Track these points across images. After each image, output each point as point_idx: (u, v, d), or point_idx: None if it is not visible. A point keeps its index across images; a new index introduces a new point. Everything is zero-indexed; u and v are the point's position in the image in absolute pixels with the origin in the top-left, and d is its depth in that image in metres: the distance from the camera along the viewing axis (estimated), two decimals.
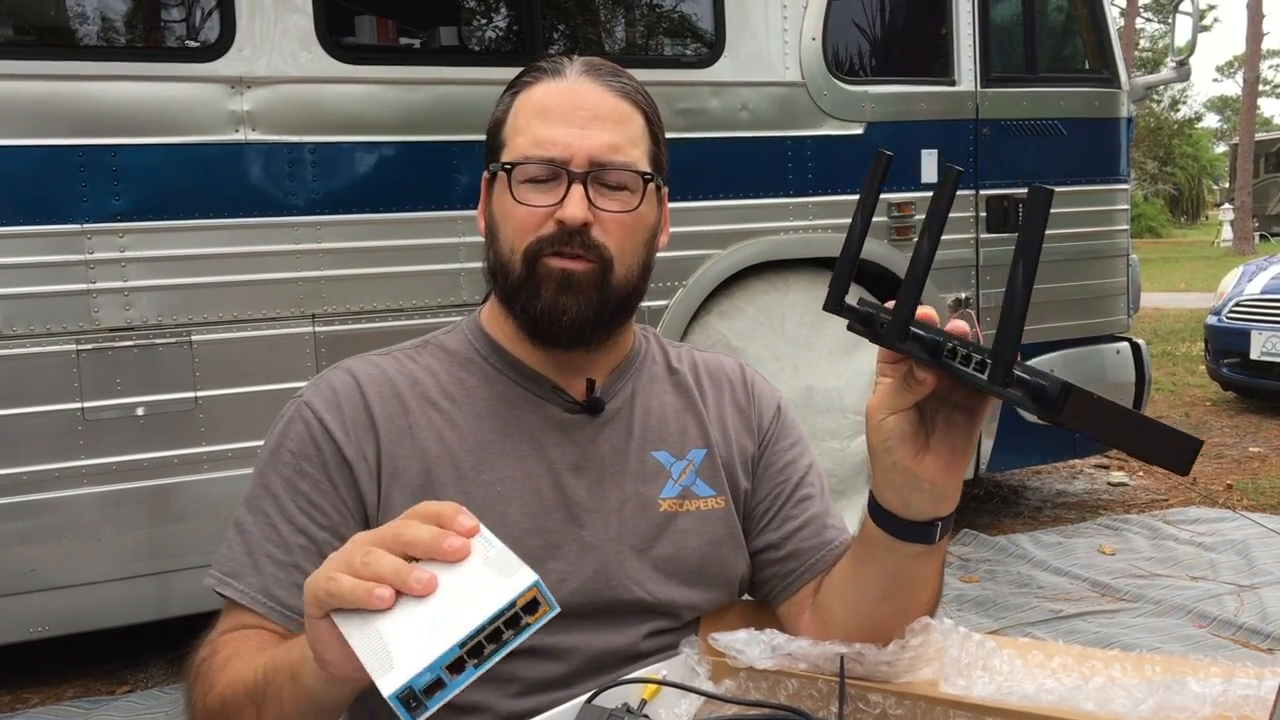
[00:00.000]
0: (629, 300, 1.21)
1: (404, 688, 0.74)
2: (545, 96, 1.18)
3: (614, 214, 1.16)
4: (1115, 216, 4.77)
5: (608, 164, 1.15)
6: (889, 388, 1.01)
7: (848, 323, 1.01)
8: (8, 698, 3.36)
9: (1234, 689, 0.94)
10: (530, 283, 1.16)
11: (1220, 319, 7.45)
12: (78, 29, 3.40)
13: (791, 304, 4.04)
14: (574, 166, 1.14)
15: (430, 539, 0.81)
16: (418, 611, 0.79)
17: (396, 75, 3.48)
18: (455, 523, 0.82)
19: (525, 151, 1.16)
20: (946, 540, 1.11)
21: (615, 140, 1.16)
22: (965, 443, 1.02)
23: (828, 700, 1.09)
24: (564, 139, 1.14)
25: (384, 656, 0.77)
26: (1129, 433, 0.84)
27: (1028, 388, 0.85)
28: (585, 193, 1.14)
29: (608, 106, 1.18)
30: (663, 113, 1.26)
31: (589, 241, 1.15)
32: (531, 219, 1.15)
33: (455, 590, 0.79)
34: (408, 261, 3.46)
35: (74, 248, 3.08)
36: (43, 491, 3.07)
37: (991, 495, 5.36)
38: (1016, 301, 0.85)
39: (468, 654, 0.76)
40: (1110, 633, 3.51)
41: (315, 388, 1.21)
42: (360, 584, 0.80)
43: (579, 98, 1.17)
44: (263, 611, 1.12)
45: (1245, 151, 28.34)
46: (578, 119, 1.15)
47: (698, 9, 4.05)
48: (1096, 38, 4.76)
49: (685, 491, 1.25)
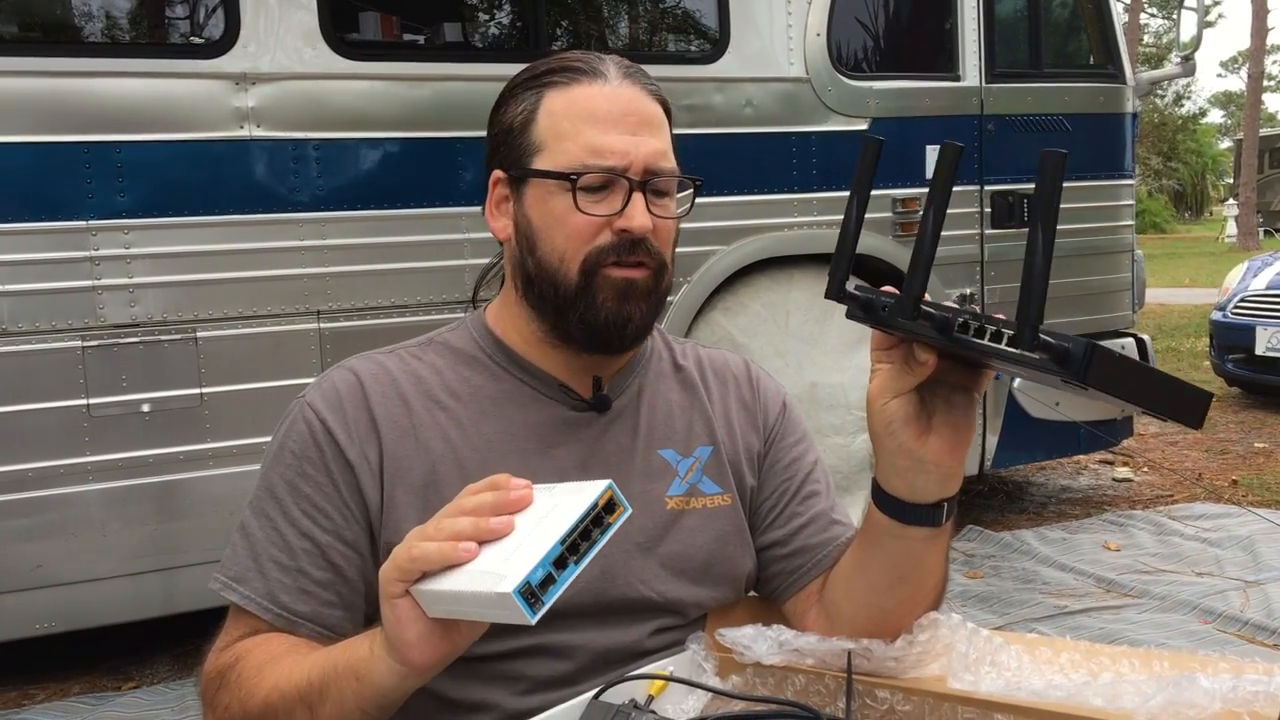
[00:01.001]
0: (665, 304, 1.23)
1: (523, 583, 0.81)
2: (592, 100, 1.15)
3: (666, 220, 1.18)
4: (1120, 212, 4.76)
5: (660, 171, 1.16)
6: (888, 372, 1.01)
7: (847, 310, 1.01)
8: (14, 693, 3.37)
9: (1243, 685, 0.94)
10: (588, 293, 1.15)
11: (1225, 314, 7.43)
12: (83, 26, 3.40)
13: (796, 300, 4.03)
14: (631, 174, 1.14)
15: (494, 498, 0.89)
16: (504, 545, 0.86)
17: (401, 71, 3.48)
18: (510, 484, 0.89)
19: (582, 159, 1.13)
20: (952, 523, 1.12)
21: (662, 146, 1.17)
22: (966, 422, 1.03)
23: (835, 696, 1.09)
24: (621, 146, 1.13)
25: (490, 577, 0.83)
26: (1146, 390, 0.84)
27: (1053, 350, 0.84)
28: (645, 201, 1.14)
29: (651, 111, 1.18)
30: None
31: (650, 249, 1.16)
32: (590, 228, 1.14)
33: (532, 522, 0.86)
34: (412, 258, 3.46)
35: (79, 244, 3.08)
36: (49, 488, 3.08)
37: (996, 491, 5.36)
38: (1037, 265, 0.85)
39: (568, 550, 0.83)
40: (1115, 629, 3.50)
41: (318, 387, 1.20)
42: (444, 543, 0.87)
43: (628, 103, 1.16)
44: (269, 619, 1.12)
45: (1249, 147, 28.29)
46: (629, 125, 1.15)
47: (702, 5, 4.05)
48: (1101, 33, 4.75)
49: (692, 489, 1.25)
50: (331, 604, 1.13)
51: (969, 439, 1.04)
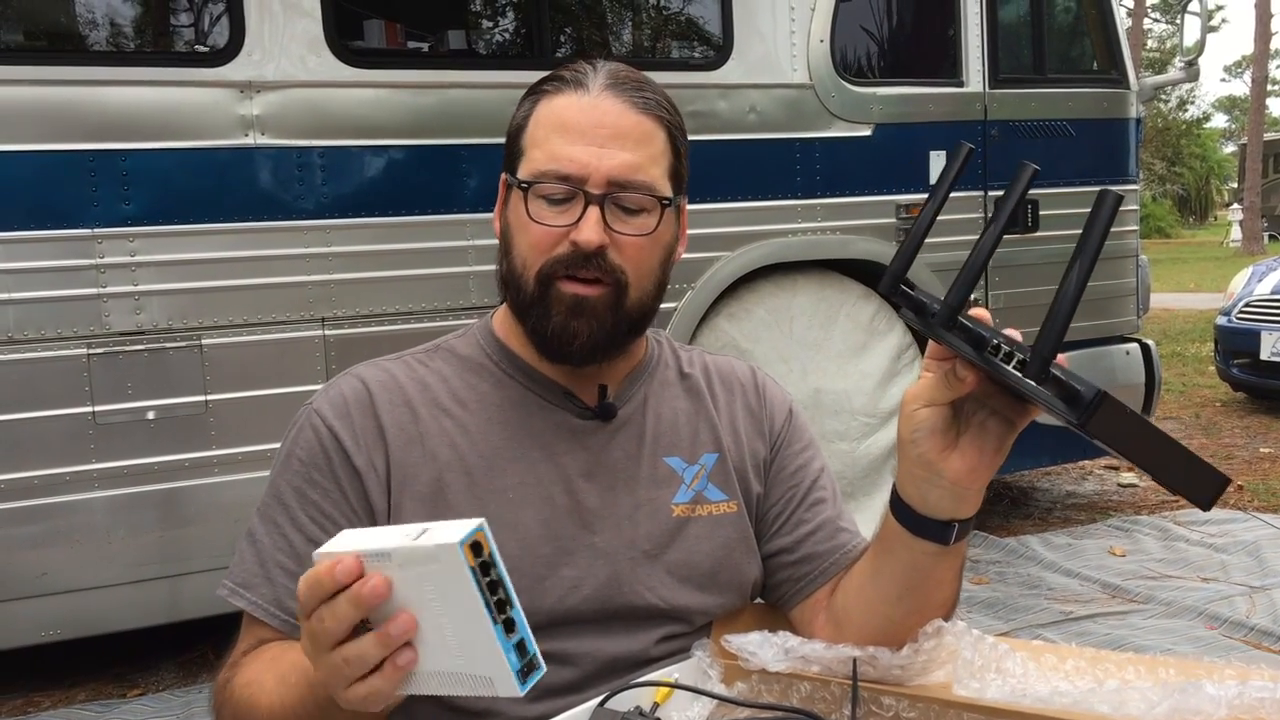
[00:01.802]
0: (642, 320, 1.20)
1: (519, 670, 0.79)
2: (566, 110, 1.15)
3: (630, 237, 1.15)
4: (1124, 217, 4.75)
5: (626, 185, 1.13)
6: (930, 381, 1.01)
7: (900, 309, 1.00)
8: (20, 701, 3.37)
9: (1249, 691, 0.94)
10: (542, 303, 1.15)
11: (1230, 319, 7.42)
12: (88, 34, 3.41)
13: (800, 306, 4.04)
14: (591, 187, 1.12)
15: (348, 608, 0.80)
16: (435, 642, 0.81)
17: (405, 79, 3.49)
18: (339, 580, 0.80)
19: (542, 167, 1.14)
20: (964, 546, 1.11)
21: (635, 160, 1.13)
22: (994, 449, 1.01)
23: (840, 703, 1.09)
24: (582, 157, 1.12)
25: (479, 681, 0.80)
26: (1155, 456, 0.82)
27: (1061, 388, 0.84)
28: (602, 215, 1.12)
29: (629, 124, 1.14)
30: None
31: (604, 264, 1.13)
32: (547, 238, 1.14)
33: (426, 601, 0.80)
34: (417, 265, 3.46)
35: (85, 252, 3.09)
36: (54, 495, 3.08)
37: (1001, 496, 5.35)
38: (1067, 301, 0.84)
39: (498, 612, 0.78)
40: (1121, 634, 3.50)
41: (325, 395, 1.21)
42: (376, 682, 0.82)
43: (600, 114, 1.13)
44: (276, 624, 1.13)
45: (1254, 152, 28.27)
46: (598, 137, 1.13)
47: (705, 12, 4.05)
48: (1104, 38, 4.76)
49: (697, 496, 1.25)
50: None
51: (993, 467, 1.02)
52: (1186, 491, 0.82)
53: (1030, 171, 0.92)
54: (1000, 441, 1.01)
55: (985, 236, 0.92)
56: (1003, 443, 1.01)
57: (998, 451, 1.01)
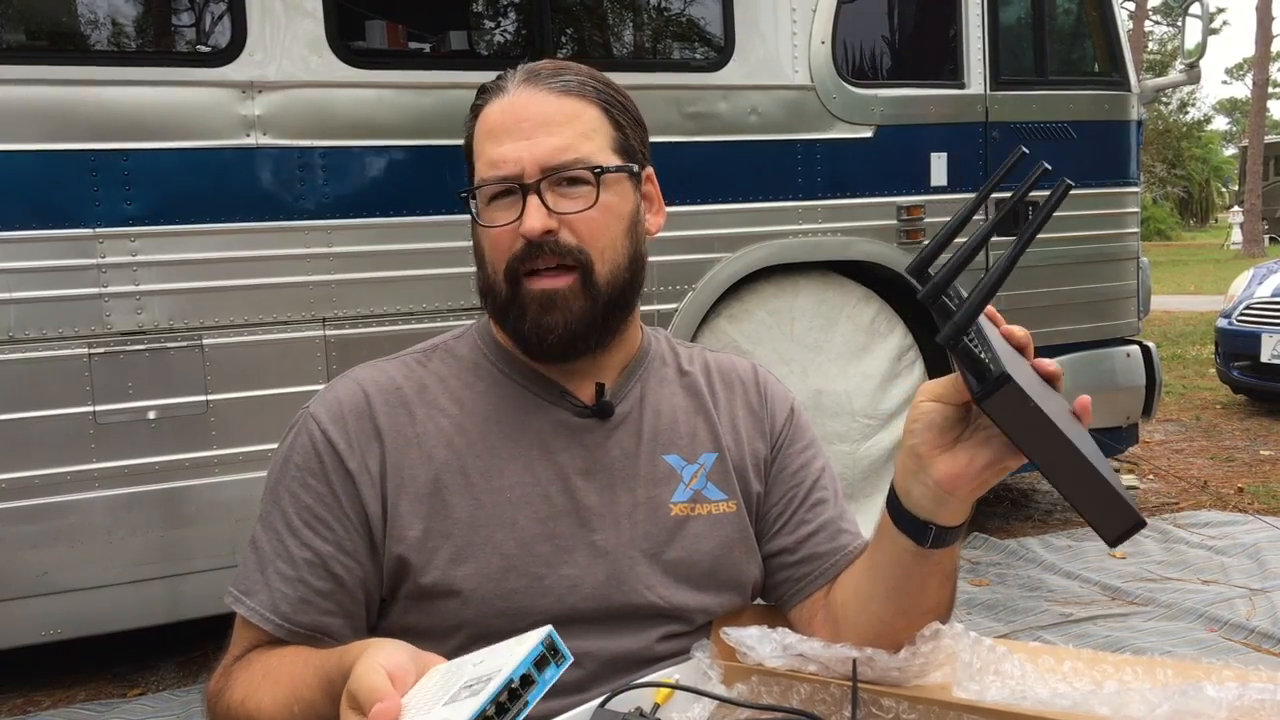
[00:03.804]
0: (622, 296, 1.20)
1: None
2: (492, 116, 1.18)
3: (576, 214, 1.15)
4: (1125, 219, 4.76)
5: (559, 167, 1.14)
6: (948, 377, 1.01)
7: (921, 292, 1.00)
8: (19, 700, 3.37)
9: (1249, 693, 0.94)
10: (515, 304, 1.16)
11: (1230, 322, 7.42)
12: (90, 34, 3.41)
13: (801, 307, 4.04)
14: (526, 179, 1.14)
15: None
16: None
17: (407, 80, 3.49)
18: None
19: (483, 174, 1.17)
20: (947, 556, 1.10)
21: (562, 141, 1.15)
22: (985, 464, 1.00)
23: (840, 705, 1.09)
24: (512, 154, 1.14)
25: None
26: (1064, 468, 0.80)
27: (970, 358, 0.83)
28: (541, 201, 1.14)
29: (551, 110, 1.16)
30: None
31: (559, 248, 1.14)
32: (503, 238, 1.16)
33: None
34: (418, 265, 3.46)
35: (86, 252, 3.09)
36: (55, 495, 3.09)
37: (1001, 498, 5.35)
38: (996, 276, 0.84)
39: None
40: (1121, 636, 3.50)
41: (322, 399, 1.21)
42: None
43: (520, 109, 1.16)
44: (270, 630, 1.13)
45: (1255, 154, 28.29)
46: (522, 130, 1.15)
47: (707, 13, 4.05)
48: (1106, 40, 4.76)
49: (696, 495, 1.25)
50: (332, 613, 1.15)
51: (980, 481, 1.01)
52: (1093, 520, 0.81)
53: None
54: (996, 459, 0.99)
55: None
56: (999, 461, 0.99)
57: (989, 468, 1.00)
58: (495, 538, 1.16)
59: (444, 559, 1.15)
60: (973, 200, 1.03)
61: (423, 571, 1.15)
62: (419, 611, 1.16)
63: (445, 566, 1.15)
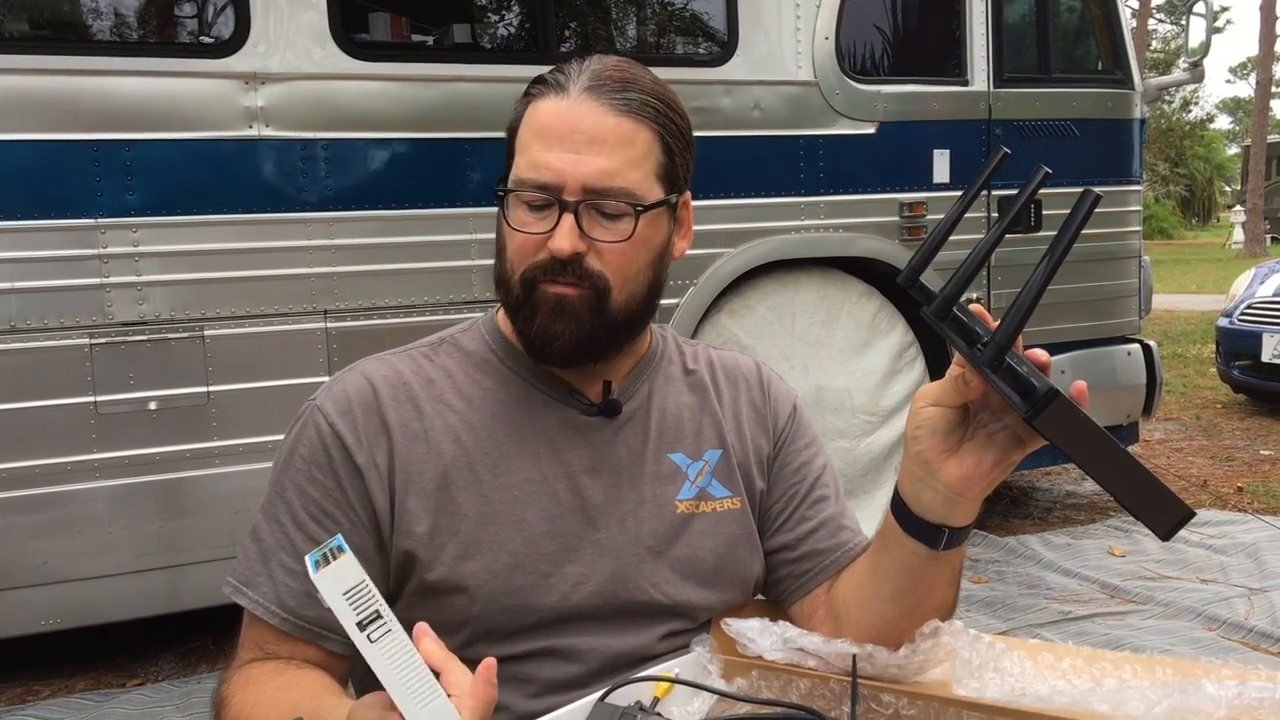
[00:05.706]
0: (630, 322, 1.19)
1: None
2: (546, 115, 1.14)
3: (609, 244, 1.13)
4: (1128, 218, 4.75)
5: (603, 192, 1.12)
6: (944, 381, 1.01)
7: (920, 304, 1.00)
8: (19, 690, 3.37)
9: (1248, 692, 0.94)
10: (528, 304, 1.15)
11: (1231, 321, 7.42)
12: (93, 24, 3.41)
13: (802, 303, 4.04)
14: (567, 195, 1.11)
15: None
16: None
17: (410, 72, 3.48)
18: None
19: (523, 175, 1.13)
20: (958, 555, 1.11)
21: (612, 165, 1.12)
22: (994, 463, 1.00)
23: (840, 700, 1.09)
24: (557, 164, 1.11)
25: None
26: (1113, 473, 0.81)
27: (1017, 379, 0.83)
28: (577, 222, 1.12)
29: (607, 128, 1.12)
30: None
31: (582, 271, 1.13)
32: (529, 244, 1.14)
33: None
34: (420, 258, 3.46)
35: (88, 242, 3.09)
36: (55, 485, 3.09)
37: (1001, 496, 5.35)
38: (1032, 293, 0.84)
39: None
40: (1119, 635, 3.50)
41: (329, 391, 1.21)
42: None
43: (577, 119, 1.12)
44: (275, 624, 1.13)
45: (1257, 154, 28.25)
46: (574, 143, 1.11)
47: (710, 8, 4.04)
48: (1109, 39, 4.75)
49: (701, 493, 1.25)
50: None
51: (989, 480, 1.01)
52: (1145, 517, 0.81)
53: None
54: (1003, 456, 1.00)
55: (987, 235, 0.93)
56: (1005, 458, 1.00)
57: (997, 465, 1.00)
58: (502, 535, 1.16)
59: (451, 555, 1.15)
60: (955, 210, 1.02)
61: (429, 567, 1.15)
62: (424, 607, 1.15)
63: (452, 562, 1.15)
